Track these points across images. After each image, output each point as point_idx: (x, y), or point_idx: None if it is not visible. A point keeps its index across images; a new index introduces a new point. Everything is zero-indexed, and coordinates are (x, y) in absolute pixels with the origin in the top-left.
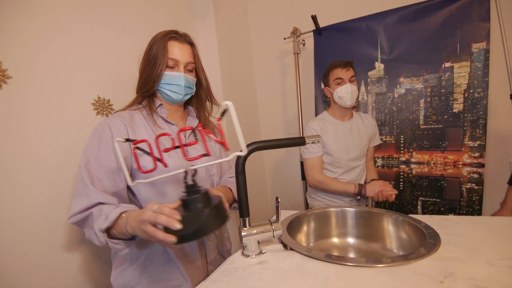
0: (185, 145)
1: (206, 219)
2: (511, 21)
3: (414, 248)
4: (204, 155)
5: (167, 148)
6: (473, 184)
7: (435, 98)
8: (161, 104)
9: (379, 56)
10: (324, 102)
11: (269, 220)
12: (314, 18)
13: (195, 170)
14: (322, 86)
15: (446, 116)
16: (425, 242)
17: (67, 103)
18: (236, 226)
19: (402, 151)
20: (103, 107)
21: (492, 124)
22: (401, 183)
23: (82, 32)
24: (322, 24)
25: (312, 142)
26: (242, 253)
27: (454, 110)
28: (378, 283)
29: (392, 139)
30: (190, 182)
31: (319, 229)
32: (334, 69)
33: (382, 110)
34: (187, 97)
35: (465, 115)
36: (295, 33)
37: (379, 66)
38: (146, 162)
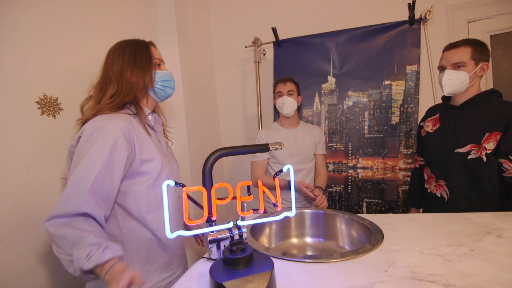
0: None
1: None
2: (436, 48)
3: (363, 244)
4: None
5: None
6: (407, 186)
7: (377, 110)
8: (150, 112)
9: (331, 70)
10: None
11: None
12: (274, 30)
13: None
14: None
15: (385, 127)
16: (371, 238)
17: (7, 100)
18: None
19: (350, 157)
20: (49, 106)
21: None
22: (349, 186)
23: (26, 22)
24: (281, 36)
25: (276, 149)
26: (208, 258)
27: (392, 122)
28: (334, 275)
29: (341, 146)
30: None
31: (280, 231)
32: (277, 84)
33: (333, 120)
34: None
35: (401, 126)
36: (256, 42)
37: (331, 79)
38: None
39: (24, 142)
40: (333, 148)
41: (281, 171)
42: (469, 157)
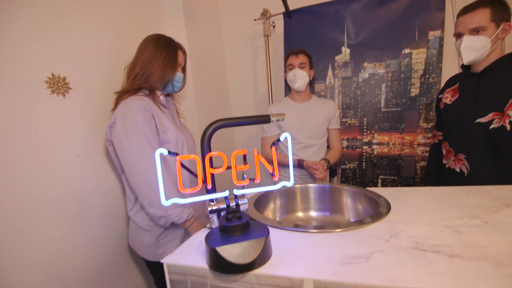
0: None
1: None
2: None
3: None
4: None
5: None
6: (426, 162)
7: (395, 82)
8: (161, 94)
9: (345, 40)
10: None
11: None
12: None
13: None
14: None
15: (404, 100)
16: (378, 210)
17: (17, 80)
18: None
19: (365, 133)
20: (58, 85)
21: None
22: (364, 163)
23: (33, 2)
24: (292, 6)
25: (277, 120)
26: (209, 228)
27: (411, 94)
28: (332, 245)
29: (356, 121)
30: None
31: (285, 205)
32: (288, 57)
33: (347, 94)
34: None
35: (421, 98)
36: (265, 14)
37: (346, 50)
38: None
39: (37, 121)
40: (347, 124)
41: (278, 140)
42: (491, 126)
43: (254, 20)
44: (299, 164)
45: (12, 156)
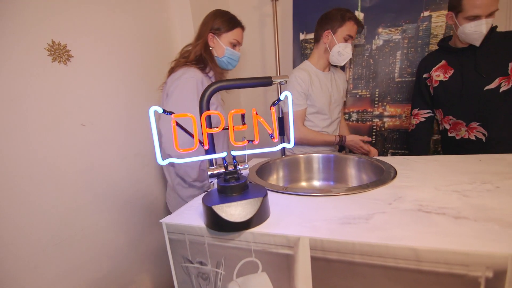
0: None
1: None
2: None
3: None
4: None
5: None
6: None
7: (412, 50)
8: (210, 70)
9: (359, 3)
10: (302, 54)
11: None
12: None
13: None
14: (325, 29)
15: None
16: (383, 176)
17: (17, 47)
18: None
19: (376, 105)
20: (59, 52)
21: None
22: (374, 137)
23: None
24: None
25: (279, 83)
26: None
27: None
28: (333, 207)
29: (367, 93)
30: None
31: (288, 174)
32: (350, 22)
33: (359, 63)
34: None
35: None
36: None
37: (359, 15)
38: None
39: (39, 89)
40: (357, 96)
41: (278, 99)
42: (501, 90)
43: None
44: (340, 141)
45: (14, 125)
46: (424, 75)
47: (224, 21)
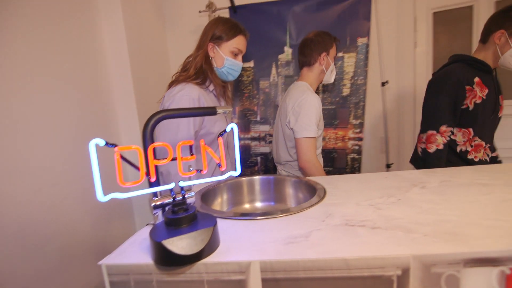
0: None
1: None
2: (385, 21)
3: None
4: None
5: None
6: (355, 154)
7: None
8: (211, 83)
9: (287, 40)
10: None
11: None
12: None
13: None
14: (321, 52)
15: (337, 99)
16: (315, 196)
17: None
18: None
19: None
20: None
21: (368, 106)
22: None
23: None
24: (237, 2)
25: (224, 113)
26: (153, 224)
27: (343, 94)
28: (276, 228)
29: None
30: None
31: (232, 198)
32: (336, 45)
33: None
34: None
35: (351, 98)
36: (211, 7)
37: (288, 50)
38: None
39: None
40: None
41: (225, 131)
42: (499, 115)
43: (199, 11)
44: None
45: None
46: (467, 87)
47: (225, 29)
